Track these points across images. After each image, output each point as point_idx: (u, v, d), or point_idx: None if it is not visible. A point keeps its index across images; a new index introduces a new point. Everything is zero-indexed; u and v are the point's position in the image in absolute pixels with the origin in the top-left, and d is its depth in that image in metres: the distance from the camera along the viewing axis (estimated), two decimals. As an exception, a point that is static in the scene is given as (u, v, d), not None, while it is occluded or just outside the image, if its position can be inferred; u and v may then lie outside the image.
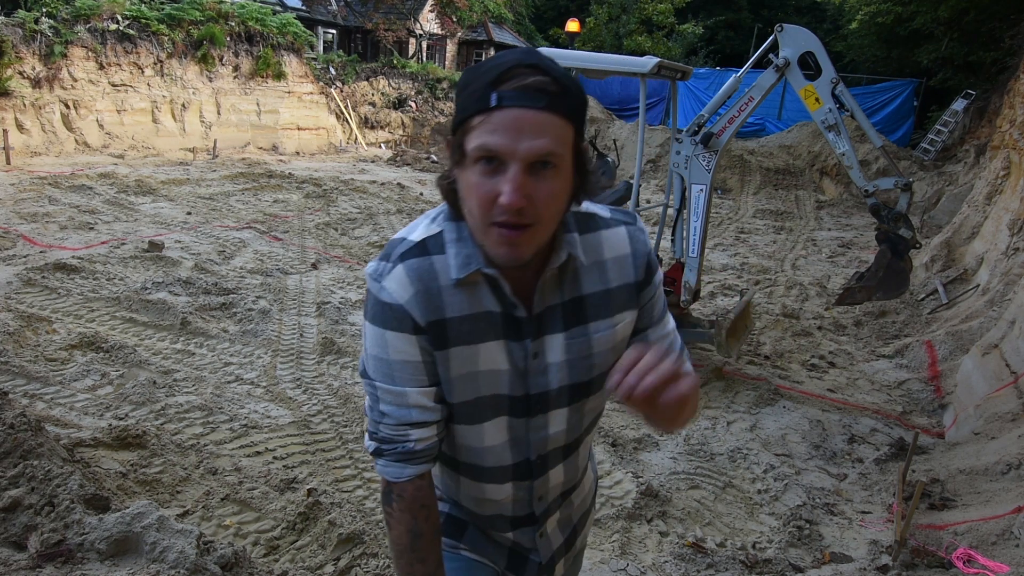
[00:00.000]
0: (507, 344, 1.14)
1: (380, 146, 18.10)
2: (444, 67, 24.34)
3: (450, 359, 1.12)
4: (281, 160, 14.68)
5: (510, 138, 0.94)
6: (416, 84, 19.92)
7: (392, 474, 1.18)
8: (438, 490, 1.42)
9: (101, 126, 13.11)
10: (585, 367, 1.19)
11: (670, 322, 1.31)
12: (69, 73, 12.58)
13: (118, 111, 13.40)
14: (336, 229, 8.90)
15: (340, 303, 6.07)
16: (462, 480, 1.31)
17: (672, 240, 5.39)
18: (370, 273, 1.12)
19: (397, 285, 1.09)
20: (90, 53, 12.91)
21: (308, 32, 17.52)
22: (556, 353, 1.16)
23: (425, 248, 1.10)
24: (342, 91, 18.44)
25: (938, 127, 14.52)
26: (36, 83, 12.11)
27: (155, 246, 6.98)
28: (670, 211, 5.50)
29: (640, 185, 4.93)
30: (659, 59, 4.68)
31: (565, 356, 1.16)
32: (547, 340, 1.15)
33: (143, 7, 14.04)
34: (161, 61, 14.04)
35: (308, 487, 3.25)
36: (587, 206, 1.18)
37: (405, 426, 1.15)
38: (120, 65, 13.39)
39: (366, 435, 1.21)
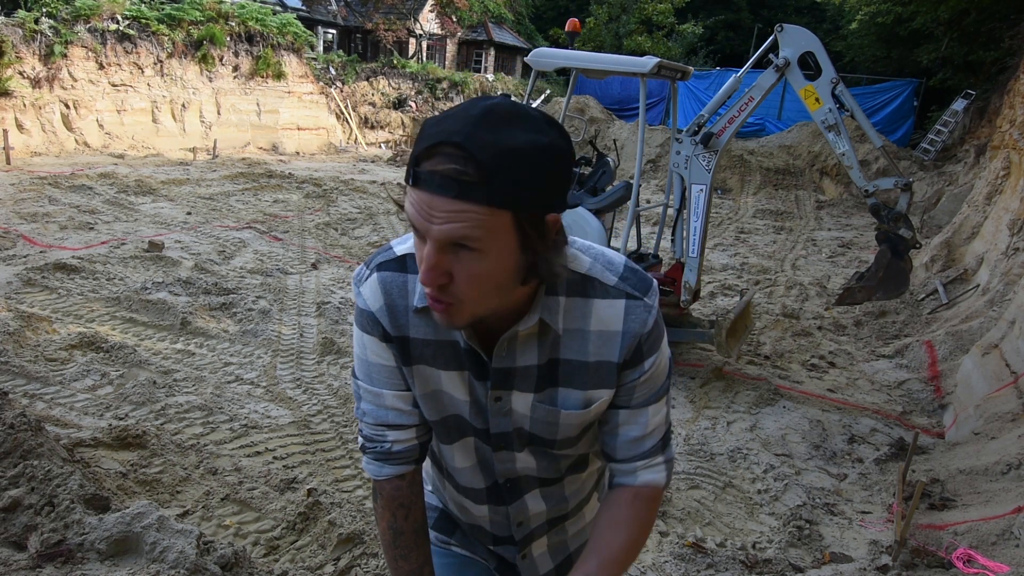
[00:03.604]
0: (469, 377, 1.11)
1: (380, 146, 18.11)
2: (444, 67, 24.34)
3: (414, 376, 1.14)
4: (281, 160, 14.68)
5: (423, 219, 0.89)
6: (416, 84, 19.94)
7: (372, 471, 1.21)
8: (431, 488, 1.43)
9: (101, 126, 13.11)
10: (549, 430, 1.13)
11: (654, 416, 1.14)
12: (69, 73, 12.58)
13: (118, 111, 13.40)
14: (336, 229, 8.90)
15: (340, 303, 6.07)
16: (448, 488, 1.33)
17: (672, 240, 5.39)
18: (354, 277, 1.15)
19: (370, 293, 1.11)
20: (90, 53, 12.92)
21: (308, 32, 17.53)
22: (522, 406, 1.11)
23: (403, 264, 1.10)
24: (342, 91, 18.45)
25: (938, 127, 14.52)
26: (36, 83, 12.11)
27: (155, 246, 6.98)
28: (670, 211, 5.50)
29: (640, 185, 4.93)
30: (659, 59, 4.68)
31: (531, 414, 1.12)
32: (515, 394, 1.10)
33: (143, 7, 14.05)
34: (161, 61, 14.05)
35: (308, 487, 3.24)
36: (591, 269, 1.06)
37: (382, 427, 1.18)
38: (120, 65, 13.40)
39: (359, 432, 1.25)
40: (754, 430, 4.40)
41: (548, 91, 20.99)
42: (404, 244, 1.12)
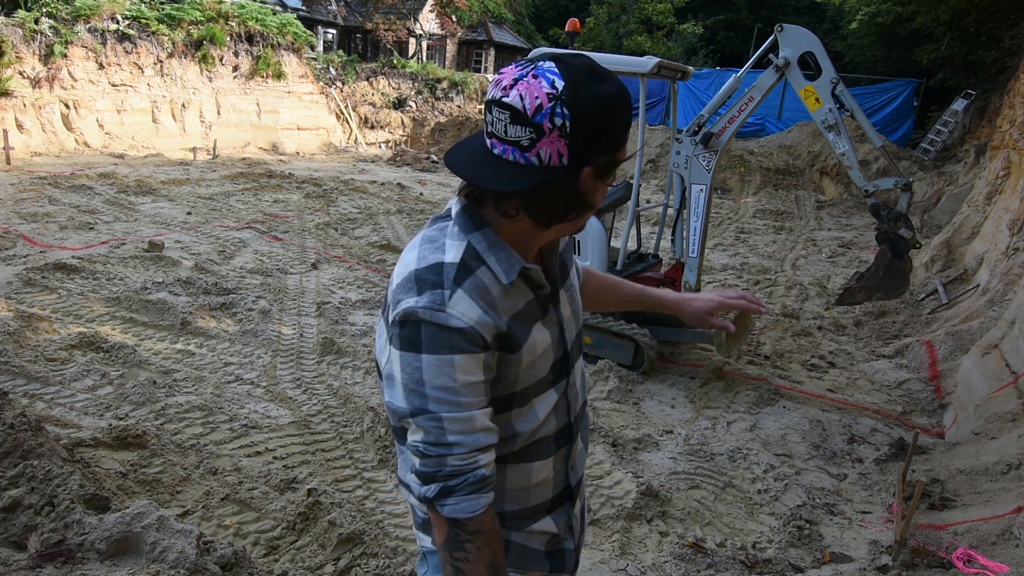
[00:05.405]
0: (544, 320, 1.25)
1: (380, 146, 18.11)
2: (444, 67, 24.34)
3: (524, 354, 1.18)
4: (281, 160, 14.68)
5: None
6: (416, 84, 19.93)
7: (467, 510, 1.10)
8: None
9: (101, 126, 13.12)
10: (578, 316, 1.38)
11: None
12: (69, 73, 12.58)
13: (118, 111, 13.41)
14: (336, 229, 8.90)
15: (340, 303, 6.07)
16: (508, 476, 1.27)
17: (672, 240, 5.39)
18: (425, 306, 1.08)
19: (465, 307, 1.09)
20: (90, 53, 12.92)
21: (308, 32, 17.53)
22: (564, 307, 1.32)
23: (467, 266, 1.12)
24: (342, 91, 18.45)
25: (938, 127, 14.51)
26: (36, 83, 12.12)
27: (155, 246, 6.98)
28: (670, 211, 5.50)
29: (640, 185, 4.93)
30: (659, 59, 4.68)
31: (570, 308, 1.34)
32: (560, 296, 1.31)
33: (143, 7, 14.05)
34: (161, 61, 14.06)
35: (308, 487, 3.24)
36: None
37: (475, 452, 1.11)
38: (120, 65, 13.41)
39: (414, 485, 1.13)
40: (754, 430, 4.40)
41: (548, 91, 20.94)
42: (448, 253, 1.14)
